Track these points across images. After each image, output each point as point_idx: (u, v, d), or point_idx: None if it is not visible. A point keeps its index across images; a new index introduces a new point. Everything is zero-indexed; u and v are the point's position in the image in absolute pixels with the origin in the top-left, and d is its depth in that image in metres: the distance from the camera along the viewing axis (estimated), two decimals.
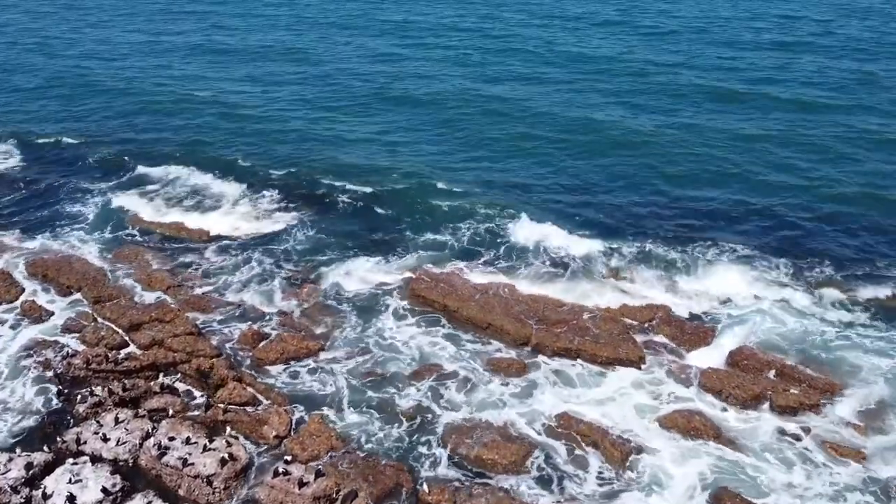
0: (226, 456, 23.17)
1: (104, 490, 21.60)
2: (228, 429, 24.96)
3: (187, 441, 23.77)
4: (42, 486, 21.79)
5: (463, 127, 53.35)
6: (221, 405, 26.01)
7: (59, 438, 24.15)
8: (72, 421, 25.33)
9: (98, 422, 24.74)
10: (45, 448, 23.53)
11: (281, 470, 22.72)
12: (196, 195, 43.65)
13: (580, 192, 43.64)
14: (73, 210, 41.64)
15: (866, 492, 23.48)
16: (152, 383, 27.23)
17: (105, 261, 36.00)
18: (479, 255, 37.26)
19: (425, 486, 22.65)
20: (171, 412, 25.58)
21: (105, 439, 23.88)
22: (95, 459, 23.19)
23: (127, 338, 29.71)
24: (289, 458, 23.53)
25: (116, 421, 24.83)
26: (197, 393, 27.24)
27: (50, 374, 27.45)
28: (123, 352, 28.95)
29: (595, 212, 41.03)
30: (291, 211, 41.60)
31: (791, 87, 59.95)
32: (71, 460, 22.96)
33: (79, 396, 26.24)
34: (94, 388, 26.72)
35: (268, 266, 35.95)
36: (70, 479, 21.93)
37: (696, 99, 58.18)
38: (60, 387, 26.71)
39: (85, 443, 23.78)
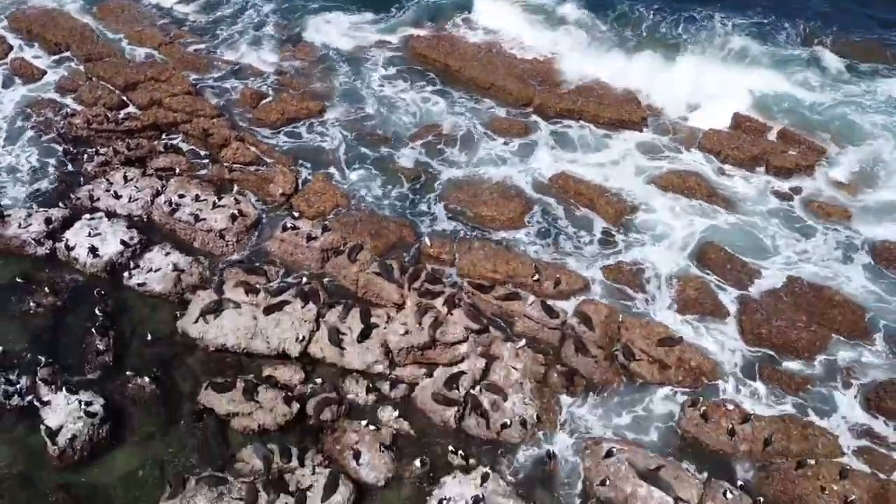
0: (235, 212, 24.03)
1: (123, 242, 22.70)
2: (235, 187, 25.60)
3: (196, 198, 24.48)
4: (64, 239, 22.87)
5: None
6: (227, 164, 26.41)
7: (71, 195, 24.79)
8: (82, 179, 25.79)
9: (108, 180, 25.22)
10: (61, 205, 24.26)
11: (289, 225, 23.71)
12: None
13: None
14: None
15: (851, 249, 24.72)
16: (156, 143, 27.43)
17: (90, 15, 34.26)
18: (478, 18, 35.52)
19: (426, 240, 23.75)
20: (177, 171, 26.03)
21: (117, 196, 24.55)
22: (110, 215, 24.03)
23: (124, 97, 29.27)
24: (296, 214, 24.43)
25: (125, 179, 25.31)
26: (201, 152, 27.47)
27: (52, 134, 27.40)
28: (123, 112, 28.67)
29: None
30: None
31: None
32: (87, 216, 23.76)
33: (85, 156, 26.47)
34: (98, 147, 26.93)
35: (261, 23, 34.42)
36: (89, 233, 22.93)
37: None
38: (65, 146, 26.86)
39: (98, 199, 24.47)
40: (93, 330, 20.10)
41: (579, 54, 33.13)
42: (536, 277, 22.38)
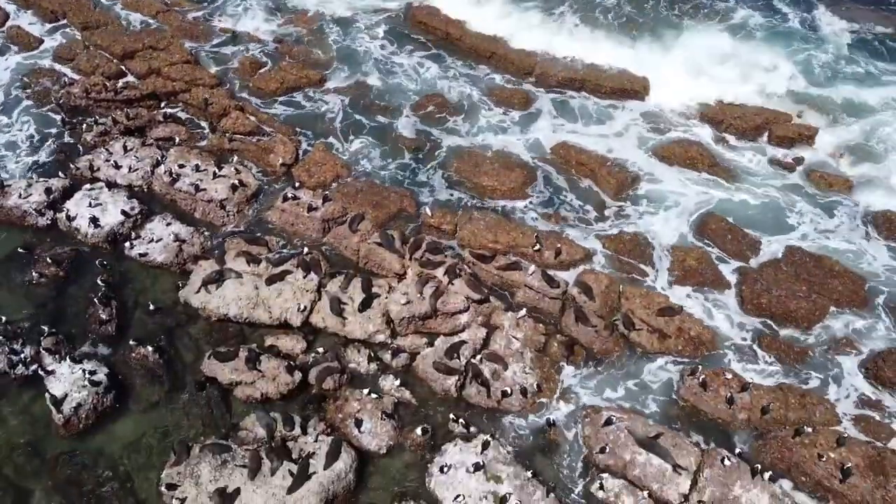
0: (236, 182, 23.97)
1: (124, 213, 22.68)
2: (235, 157, 25.48)
3: (197, 168, 24.39)
4: (65, 210, 22.84)
5: None
6: (226, 134, 26.25)
7: (71, 165, 24.69)
8: (81, 149, 25.66)
9: (107, 150, 25.10)
10: (61, 175, 24.16)
11: (290, 195, 23.66)
12: None
13: None
14: None
15: (851, 219, 24.68)
16: (155, 112, 27.23)
17: None
18: None
19: (427, 210, 23.69)
20: (177, 140, 25.89)
21: (117, 166, 24.47)
22: (111, 185, 23.94)
23: (122, 66, 28.98)
24: (297, 184, 24.35)
25: (125, 149, 25.22)
26: (200, 122, 27.28)
27: (50, 103, 27.15)
28: (121, 81, 28.41)
29: None
30: None
31: None
32: (87, 186, 23.71)
33: (84, 126, 26.29)
34: (97, 117, 26.74)
35: None
36: (90, 203, 22.90)
37: None
38: (64, 115, 26.68)
39: (98, 169, 24.39)
40: (95, 300, 20.19)
41: (578, 30, 32.58)
42: (537, 247, 22.39)
